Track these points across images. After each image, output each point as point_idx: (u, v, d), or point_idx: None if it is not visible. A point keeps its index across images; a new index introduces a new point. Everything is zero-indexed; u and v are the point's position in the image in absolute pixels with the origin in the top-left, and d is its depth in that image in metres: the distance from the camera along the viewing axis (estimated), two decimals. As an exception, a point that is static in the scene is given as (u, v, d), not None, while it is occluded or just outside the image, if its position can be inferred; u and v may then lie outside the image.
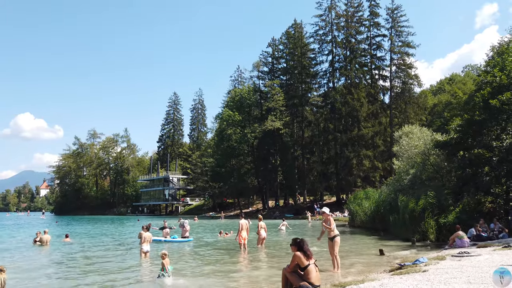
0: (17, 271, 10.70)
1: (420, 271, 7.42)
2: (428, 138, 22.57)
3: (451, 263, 8.58)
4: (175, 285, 8.56)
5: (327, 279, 8.20)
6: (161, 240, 18.13)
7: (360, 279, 7.22)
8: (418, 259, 8.82)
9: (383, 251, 12.61)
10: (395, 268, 8.54)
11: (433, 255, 10.87)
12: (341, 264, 10.89)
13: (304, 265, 6.06)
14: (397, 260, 11.04)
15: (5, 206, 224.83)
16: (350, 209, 31.14)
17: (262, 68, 65.68)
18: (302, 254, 6.09)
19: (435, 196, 17.86)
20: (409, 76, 50.81)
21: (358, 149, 48.21)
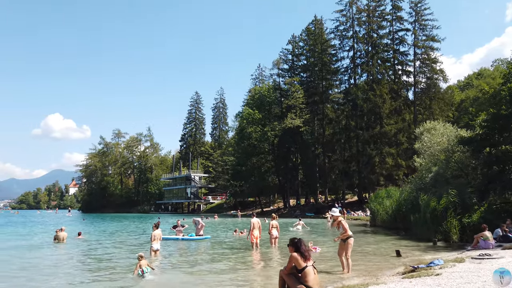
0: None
1: (433, 275, 6.91)
2: (452, 134, 21.60)
3: (469, 266, 8.00)
4: (155, 282, 8.70)
5: (332, 281, 7.79)
6: (178, 239, 18.07)
7: (365, 283, 6.78)
8: (433, 261, 8.27)
9: (400, 252, 12.04)
10: (408, 270, 8.03)
11: (452, 257, 10.24)
12: (354, 264, 10.46)
13: (301, 267, 5.72)
14: (414, 262, 10.48)
15: (36, 204, 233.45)
16: (371, 208, 30.38)
17: (282, 66, 65.17)
18: (299, 255, 5.73)
19: (458, 194, 17.03)
20: (434, 71, 49.12)
21: (380, 146, 47.02)
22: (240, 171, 64.58)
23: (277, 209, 61.26)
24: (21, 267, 10.89)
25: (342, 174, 52.68)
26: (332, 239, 19.04)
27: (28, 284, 8.59)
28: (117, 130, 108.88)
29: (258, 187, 64.22)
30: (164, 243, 17.00)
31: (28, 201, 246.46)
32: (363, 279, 7.64)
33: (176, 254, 13.69)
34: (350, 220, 39.38)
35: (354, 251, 13.98)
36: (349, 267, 8.93)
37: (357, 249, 14.76)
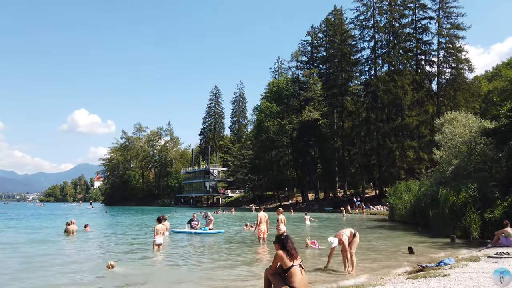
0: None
1: (440, 276, 6.27)
2: (475, 125, 20.45)
3: (483, 265, 7.30)
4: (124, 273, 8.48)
5: (327, 281, 7.24)
6: (191, 232, 17.81)
7: (360, 284, 6.22)
8: (443, 260, 7.59)
9: (413, 249, 11.32)
10: (416, 270, 7.41)
11: (467, 255, 9.51)
12: (362, 261, 9.87)
13: (287, 266, 5.19)
14: (425, 260, 9.81)
15: (63, 197, 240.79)
16: (390, 202, 29.45)
17: (301, 58, 64.17)
18: (285, 254, 5.24)
19: (479, 188, 16.08)
20: (459, 60, 47.08)
21: (401, 139, 45.60)
22: (258, 165, 64.23)
23: (296, 203, 60.70)
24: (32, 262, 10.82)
25: (362, 168, 51.51)
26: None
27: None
28: (138, 125, 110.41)
29: (276, 181, 63.72)
30: (177, 237, 16.80)
31: (55, 194, 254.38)
32: (362, 279, 7.06)
33: (179, 248, 13.39)
34: (369, 215, 38.51)
35: (364, 247, 13.42)
36: (353, 265, 8.35)
37: (367, 245, 14.12)
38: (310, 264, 9.58)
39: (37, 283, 7.76)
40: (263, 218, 13.75)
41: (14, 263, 10.24)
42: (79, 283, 7.83)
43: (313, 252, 11.67)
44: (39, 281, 7.93)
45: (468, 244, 13.74)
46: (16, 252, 12.31)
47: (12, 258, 11.06)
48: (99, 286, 7.51)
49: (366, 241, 15.67)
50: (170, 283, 7.79)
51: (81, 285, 7.66)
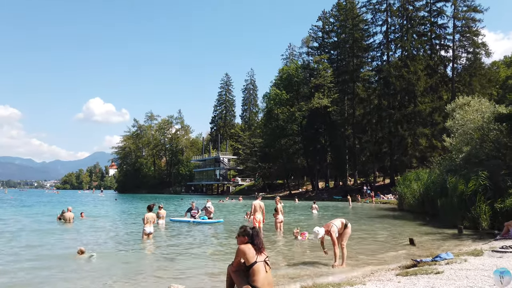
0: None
1: (432, 273, 5.60)
2: (488, 110, 19.36)
3: (484, 261, 6.59)
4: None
5: (304, 277, 6.62)
6: (190, 221, 17.37)
7: (339, 281, 5.59)
8: (439, 255, 6.89)
9: (414, 240, 10.63)
10: (410, 264, 6.75)
11: (469, 248, 8.77)
12: (358, 254, 9.25)
13: (250, 263, 4.59)
14: (425, 253, 9.11)
15: (79, 184, 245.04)
16: (398, 191, 28.59)
17: (312, 44, 62.85)
18: (248, 248, 4.66)
19: (490, 176, 15.17)
20: (475, 44, 45.16)
21: (414, 127, 44.28)
22: (268, 153, 63.65)
23: (305, 192, 60.13)
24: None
25: (373, 156, 50.41)
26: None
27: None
28: (149, 113, 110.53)
29: (286, 169, 63.07)
30: (174, 226, 16.39)
31: (71, 181, 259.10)
32: (346, 275, 6.44)
33: (170, 237, 12.94)
34: (378, 204, 37.65)
35: (366, 238, 12.76)
36: (344, 258, 7.72)
37: (369, 235, 13.47)
38: (296, 256, 9.06)
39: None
40: (258, 207, 13.17)
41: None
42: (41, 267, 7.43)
43: (301, 244, 11.03)
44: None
45: (476, 236, 12.96)
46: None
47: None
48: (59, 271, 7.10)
49: (369, 231, 15.00)
50: (136, 272, 7.35)
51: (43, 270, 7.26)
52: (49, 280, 6.80)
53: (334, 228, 7.61)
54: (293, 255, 9.19)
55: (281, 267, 7.60)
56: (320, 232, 7.52)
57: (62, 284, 6.57)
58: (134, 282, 6.57)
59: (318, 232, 7.52)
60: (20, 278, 6.98)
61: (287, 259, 8.70)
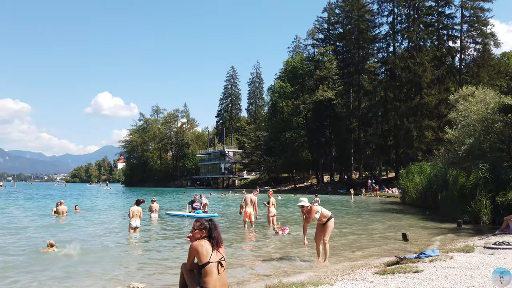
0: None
1: (411, 272, 5.20)
2: (493, 101, 18.74)
3: (472, 259, 6.17)
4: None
5: (275, 274, 6.27)
6: (184, 215, 17.08)
7: (301, 281, 5.21)
8: (424, 251, 6.47)
9: (407, 235, 10.20)
10: (392, 262, 6.35)
11: (462, 243, 8.33)
12: (342, 251, 8.87)
13: (202, 263, 4.19)
14: (414, 249, 8.70)
15: (87, 178, 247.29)
16: (401, 185, 28.07)
17: (317, 36, 62.04)
18: (201, 246, 4.23)
19: (492, 169, 14.64)
20: (484, 34, 43.99)
21: (420, 119, 43.47)
22: (272, 146, 63.21)
23: (310, 185, 59.69)
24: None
25: (378, 149, 49.70)
26: (348, 217, 17.31)
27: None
28: (155, 106, 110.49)
29: (291, 163, 62.60)
30: (168, 219, 16.15)
31: (81, 175, 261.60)
32: (314, 274, 6.05)
33: (158, 230, 12.66)
34: (382, 198, 37.09)
35: (359, 232, 12.33)
36: (326, 255, 7.34)
37: (364, 229, 13.06)
38: (274, 252, 8.66)
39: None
40: (249, 200, 12.81)
41: None
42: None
43: (281, 239, 10.52)
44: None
45: (475, 230, 12.49)
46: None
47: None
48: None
49: (365, 225, 14.61)
50: (103, 268, 7.09)
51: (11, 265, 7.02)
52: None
53: (318, 208, 7.29)
54: (270, 251, 8.79)
55: (255, 265, 7.26)
56: (304, 201, 7.42)
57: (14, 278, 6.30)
58: (93, 280, 6.25)
59: (303, 200, 7.44)
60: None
61: (264, 255, 8.31)
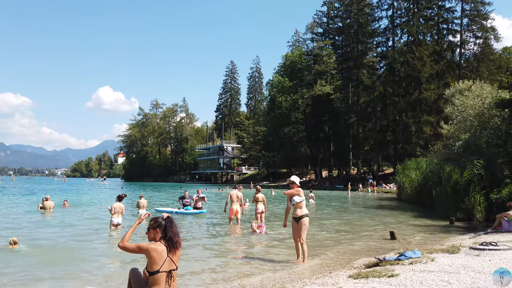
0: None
1: (385, 275, 4.86)
2: (490, 95, 18.30)
3: (455, 260, 5.83)
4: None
5: (243, 276, 5.94)
6: (173, 212, 16.73)
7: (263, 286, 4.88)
8: (404, 253, 6.12)
9: (395, 234, 9.87)
10: (372, 263, 6.02)
11: (449, 243, 7.99)
12: (329, 249, 8.55)
13: (152, 270, 3.69)
14: (413, 246, 8.37)
15: (88, 173, 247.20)
16: (397, 181, 27.75)
17: (316, 30, 61.36)
18: (155, 251, 3.70)
19: (487, 165, 14.27)
20: (484, 28, 43.41)
21: (418, 114, 43.06)
22: (271, 141, 62.85)
23: (309, 181, 59.38)
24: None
25: (377, 145, 49.32)
26: (342, 213, 17.02)
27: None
28: (155, 101, 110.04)
29: (289, 158, 62.24)
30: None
31: (81, 169, 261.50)
32: (277, 276, 5.73)
33: (142, 228, 12.28)
34: (380, 193, 36.75)
35: (346, 230, 11.96)
36: (305, 255, 7.01)
37: (351, 227, 12.74)
38: (250, 252, 8.27)
39: None
40: (235, 197, 12.46)
41: None
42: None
43: (259, 238, 10.02)
44: None
45: (467, 228, 12.17)
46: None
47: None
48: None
49: (354, 222, 14.30)
50: (65, 268, 6.78)
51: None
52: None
53: (301, 198, 6.97)
54: (247, 251, 8.41)
55: (228, 266, 6.94)
56: (297, 179, 7.23)
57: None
58: (52, 281, 5.93)
59: (296, 178, 7.27)
60: None
61: (238, 255, 7.91)
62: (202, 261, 7.38)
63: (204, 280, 5.84)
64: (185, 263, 7.22)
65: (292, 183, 7.27)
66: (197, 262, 7.25)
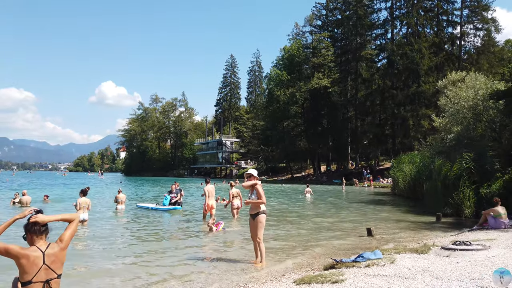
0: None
1: (330, 281, 4.29)
2: (484, 86, 17.62)
3: (419, 262, 5.24)
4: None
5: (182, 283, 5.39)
6: (148, 208, 16.18)
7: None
8: (361, 254, 5.54)
9: (372, 231, 9.30)
10: (328, 265, 5.45)
11: (424, 242, 7.40)
12: (296, 247, 7.99)
13: (24, 280, 3.04)
14: (388, 244, 7.80)
15: (90, 167, 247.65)
16: (391, 175, 27.14)
17: (315, 22, 60.42)
18: (28, 258, 3.04)
19: (477, 159, 13.64)
20: (485, 20, 42.39)
21: (417, 108, 42.27)
22: (269, 136, 62.22)
23: (307, 175, 58.83)
24: None
25: (375, 139, 48.60)
26: (334, 210, 16.44)
27: None
28: (154, 95, 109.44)
29: (288, 152, 61.63)
30: (135, 213, 15.32)
31: (84, 164, 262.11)
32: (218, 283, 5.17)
33: (112, 225, 11.79)
34: (376, 188, 36.10)
35: (323, 226, 11.35)
36: (262, 255, 6.45)
37: (330, 224, 12.11)
38: (202, 253, 7.68)
39: None
40: (211, 192, 11.90)
41: None
42: None
43: (216, 237, 9.34)
44: None
45: (453, 225, 11.58)
46: None
47: None
48: None
49: (339, 217, 13.74)
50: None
51: None
52: None
53: (260, 188, 6.44)
54: (199, 251, 7.83)
55: (171, 266, 6.39)
56: (255, 172, 6.70)
57: None
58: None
59: (254, 171, 6.73)
60: None
61: (185, 256, 7.24)
62: (141, 261, 6.87)
63: (135, 284, 5.31)
64: (120, 261, 6.70)
65: (249, 176, 6.71)
66: (134, 262, 6.73)
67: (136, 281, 5.48)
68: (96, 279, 5.62)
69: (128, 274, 5.91)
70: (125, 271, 6.12)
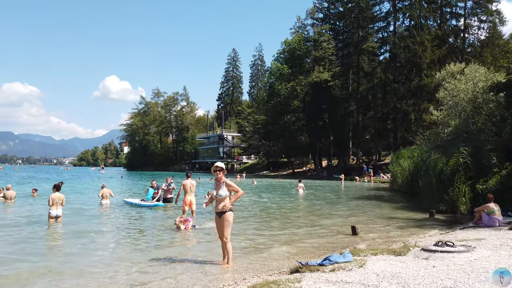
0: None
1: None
2: (484, 78, 16.96)
3: (390, 267, 4.73)
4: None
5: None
6: (133, 203, 15.71)
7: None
8: (329, 257, 5.02)
9: (357, 229, 8.78)
10: (294, 269, 4.95)
11: (402, 244, 6.87)
12: (271, 247, 7.50)
13: None
14: (362, 245, 7.28)
15: (94, 162, 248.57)
16: (390, 170, 26.56)
17: (317, 15, 59.58)
18: None
19: (474, 153, 13.04)
20: (489, 12, 41.38)
21: (419, 101, 41.47)
22: (270, 130, 61.62)
23: (308, 170, 58.28)
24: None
25: (377, 134, 47.87)
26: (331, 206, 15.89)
27: None
28: (156, 89, 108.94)
29: (289, 147, 61.04)
30: (119, 208, 14.88)
31: (87, 158, 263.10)
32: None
33: (90, 222, 11.29)
34: (377, 183, 35.47)
35: (308, 224, 10.79)
36: (229, 256, 5.97)
37: (317, 221, 11.53)
38: (166, 251, 7.17)
39: None
40: (188, 187, 11.33)
41: None
42: None
43: (184, 236, 8.83)
44: None
45: (447, 222, 11.04)
46: None
47: None
48: None
49: (327, 214, 13.22)
50: None
51: None
52: None
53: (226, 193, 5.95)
54: (163, 251, 7.30)
55: (129, 268, 5.91)
56: (223, 165, 6.15)
57: None
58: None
59: (222, 164, 6.16)
60: None
61: (148, 257, 6.75)
62: (106, 261, 6.41)
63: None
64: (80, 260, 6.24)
65: (220, 169, 6.16)
66: (97, 262, 6.26)
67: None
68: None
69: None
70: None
